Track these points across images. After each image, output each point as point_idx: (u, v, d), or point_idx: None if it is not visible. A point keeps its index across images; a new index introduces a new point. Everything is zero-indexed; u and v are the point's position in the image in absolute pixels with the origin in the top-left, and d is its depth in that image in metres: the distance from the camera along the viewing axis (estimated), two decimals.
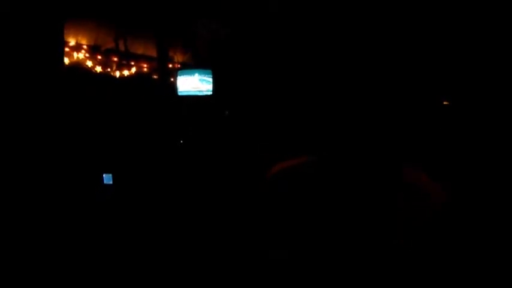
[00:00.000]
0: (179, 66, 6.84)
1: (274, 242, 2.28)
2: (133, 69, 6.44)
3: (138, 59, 6.52)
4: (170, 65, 6.75)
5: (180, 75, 6.05)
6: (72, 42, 5.72)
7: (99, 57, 6.05)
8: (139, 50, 6.51)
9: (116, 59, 6.23)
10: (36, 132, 3.54)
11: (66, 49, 5.58)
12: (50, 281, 2.78)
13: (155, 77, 6.59)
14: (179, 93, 6.03)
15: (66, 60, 5.54)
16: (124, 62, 6.27)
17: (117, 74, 6.24)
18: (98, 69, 5.99)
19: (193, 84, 5.96)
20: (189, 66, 6.48)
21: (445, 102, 4.45)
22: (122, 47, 6.14)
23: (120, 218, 3.67)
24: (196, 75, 5.95)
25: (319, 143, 2.93)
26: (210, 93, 5.94)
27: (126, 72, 6.32)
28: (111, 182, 4.02)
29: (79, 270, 2.89)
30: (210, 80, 5.94)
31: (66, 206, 3.44)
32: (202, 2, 5.59)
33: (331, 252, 2.26)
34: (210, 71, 5.95)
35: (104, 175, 4.01)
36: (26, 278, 2.75)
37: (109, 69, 6.17)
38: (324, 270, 2.19)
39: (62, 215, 3.34)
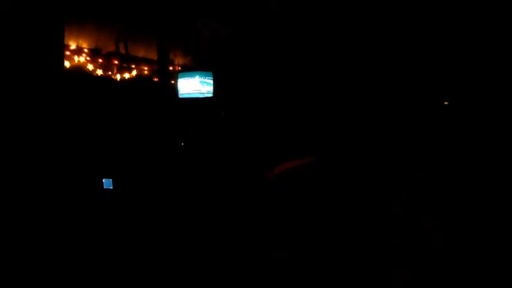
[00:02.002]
0: (179, 68, 6.84)
1: (275, 242, 2.28)
2: (134, 72, 6.45)
3: (139, 61, 6.52)
4: (171, 68, 6.76)
5: (180, 78, 6.05)
6: (73, 45, 5.74)
7: (100, 60, 6.06)
8: (140, 53, 6.52)
9: (116, 62, 6.24)
10: (36, 136, 3.53)
11: (67, 52, 5.59)
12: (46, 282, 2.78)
13: (156, 79, 6.60)
14: (180, 96, 6.03)
15: (67, 64, 5.55)
16: (125, 65, 6.28)
17: (118, 77, 6.25)
18: (99, 72, 6.00)
19: (194, 86, 5.96)
20: (190, 69, 6.48)
21: (445, 102, 4.44)
22: (122, 50, 6.14)
23: (120, 222, 3.66)
24: (197, 77, 5.95)
25: (320, 144, 2.93)
26: (210, 95, 5.94)
27: (127, 75, 6.33)
28: (111, 187, 3.99)
29: (76, 273, 2.89)
30: (211, 82, 5.94)
31: (66, 209, 3.43)
32: (203, 3, 5.60)
33: (331, 253, 2.26)
34: (210, 73, 5.95)
35: (103, 180, 3.98)
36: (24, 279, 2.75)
37: (110, 73, 6.18)
38: (324, 270, 2.19)
39: (60, 218, 3.34)
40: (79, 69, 5.75)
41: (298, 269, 2.21)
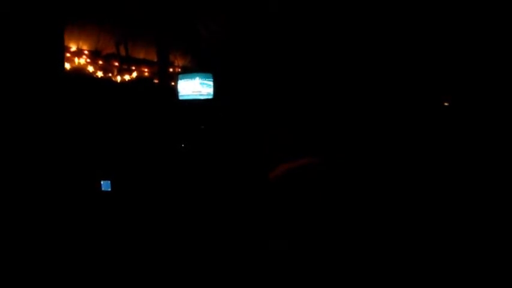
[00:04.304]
0: (180, 70, 6.84)
1: (276, 234, 2.29)
2: (135, 74, 6.45)
3: (139, 63, 6.53)
4: (171, 69, 6.76)
5: (180, 79, 6.05)
6: (73, 47, 5.74)
7: (100, 62, 6.06)
8: (140, 55, 6.52)
9: (117, 63, 6.24)
10: (35, 137, 3.53)
11: (68, 54, 5.60)
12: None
13: (156, 81, 6.60)
14: (180, 97, 6.03)
15: (68, 66, 5.55)
16: (125, 66, 6.28)
17: (118, 78, 6.25)
18: (99, 74, 6.00)
19: (194, 88, 5.96)
20: (190, 70, 6.48)
21: (445, 103, 4.43)
22: (122, 52, 6.15)
23: (118, 224, 3.64)
24: (197, 79, 5.95)
25: (321, 145, 2.93)
26: (211, 96, 5.94)
27: (127, 77, 6.33)
28: (109, 189, 3.96)
29: (74, 275, 2.87)
30: (211, 83, 5.95)
31: (63, 211, 3.42)
32: (203, 4, 5.60)
33: (331, 249, 2.26)
34: (210, 75, 5.95)
35: (102, 182, 3.95)
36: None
37: (110, 74, 6.18)
38: (323, 263, 2.20)
39: (57, 220, 3.32)
40: (79, 71, 5.75)
41: (298, 260, 2.22)
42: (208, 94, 5.94)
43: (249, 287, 2.38)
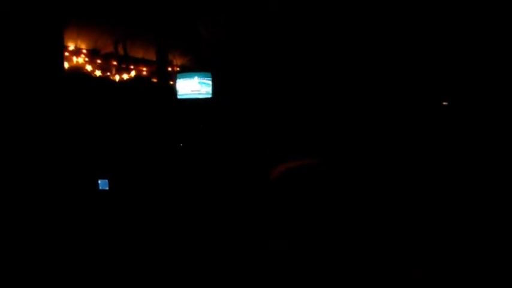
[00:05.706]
0: (178, 69, 6.84)
1: (276, 234, 2.30)
2: (133, 73, 6.44)
3: (138, 62, 6.52)
4: (169, 68, 6.76)
5: (179, 79, 6.04)
6: (71, 46, 5.73)
7: (99, 61, 6.05)
8: (139, 54, 6.51)
9: (115, 63, 6.23)
10: (33, 135, 3.52)
11: (66, 53, 5.59)
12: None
13: (155, 80, 6.59)
14: (179, 97, 6.02)
15: (66, 65, 5.54)
16: (123, 65, 6.27)
17: (117, 78, 6.24)
18: (98, 73, 5.99)
19: (193, 87, 5.95)
20: (189, 69, 6.48)
21: (444, 103, 4.44)
22: (121, 51, 6.14)
23: (116, 224, 3.64)
24: (196, 78, 5.95)
25: (321, 145, 2.94)
26: (209, 96, 5.94)
27: (125, 76, 6.32)
28: (107, 188, 3.95)
29: (72, 275, 2.87)
30: (210, 82, 5.94)
31: (60, 209, 3.42)
32: (202, 3, 5.60)
33: (331, 248, 2.27)
34: (209, 74, 5.95)
35: (99, 180, 3.94)
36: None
37: (108, 73, 6.17)
38: (322, 263, 2.21)
39: (54, 219, 3.32)
40: (78, 70, 5.74)
41: (298, 260, 2.22)
42: (207, 93, 5.94)
43: (249, 287, 2.38)
